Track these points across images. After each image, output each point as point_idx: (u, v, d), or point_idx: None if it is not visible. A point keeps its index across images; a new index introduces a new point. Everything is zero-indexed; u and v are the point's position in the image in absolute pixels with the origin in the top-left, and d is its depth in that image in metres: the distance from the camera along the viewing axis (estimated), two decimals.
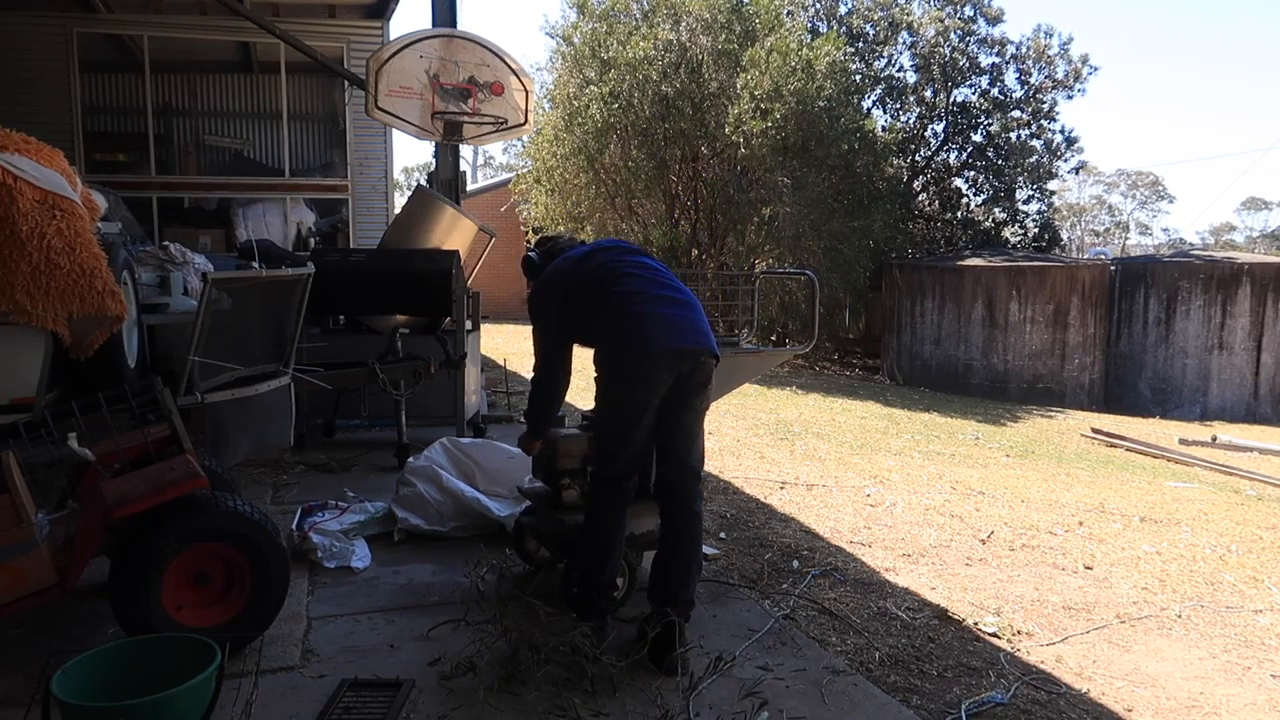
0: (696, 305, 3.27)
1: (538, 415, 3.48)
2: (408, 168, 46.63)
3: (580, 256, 3.38)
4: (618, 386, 3.13)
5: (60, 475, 3.26)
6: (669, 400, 3.11)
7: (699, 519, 3.21)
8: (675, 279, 3.35)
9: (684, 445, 3.18)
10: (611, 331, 3.13)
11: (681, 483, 3.17)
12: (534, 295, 3.41)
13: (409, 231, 6.83)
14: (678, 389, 3.10)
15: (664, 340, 3.07)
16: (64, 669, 2.18)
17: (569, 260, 3.38)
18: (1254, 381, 13.61)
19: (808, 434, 8.05)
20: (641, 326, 3.09)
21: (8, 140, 4.16)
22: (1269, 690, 3.17)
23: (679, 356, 3.08)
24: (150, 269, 6.77)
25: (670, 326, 3.11)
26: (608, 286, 3.21)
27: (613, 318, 3.15)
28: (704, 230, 15.05)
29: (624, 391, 3.11)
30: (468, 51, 7.61)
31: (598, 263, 3.31)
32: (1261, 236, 54.19)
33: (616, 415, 3.15)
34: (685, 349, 3.09)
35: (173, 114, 11.35)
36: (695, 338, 3.13)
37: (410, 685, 2.78)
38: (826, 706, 2.79)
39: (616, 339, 3.12)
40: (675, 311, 3.17)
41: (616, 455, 3.15)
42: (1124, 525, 5.41)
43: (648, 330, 3.08)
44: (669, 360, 3.06)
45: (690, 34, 14.17)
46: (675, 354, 3.07)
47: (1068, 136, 19.60)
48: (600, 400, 3.21)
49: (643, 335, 3.07)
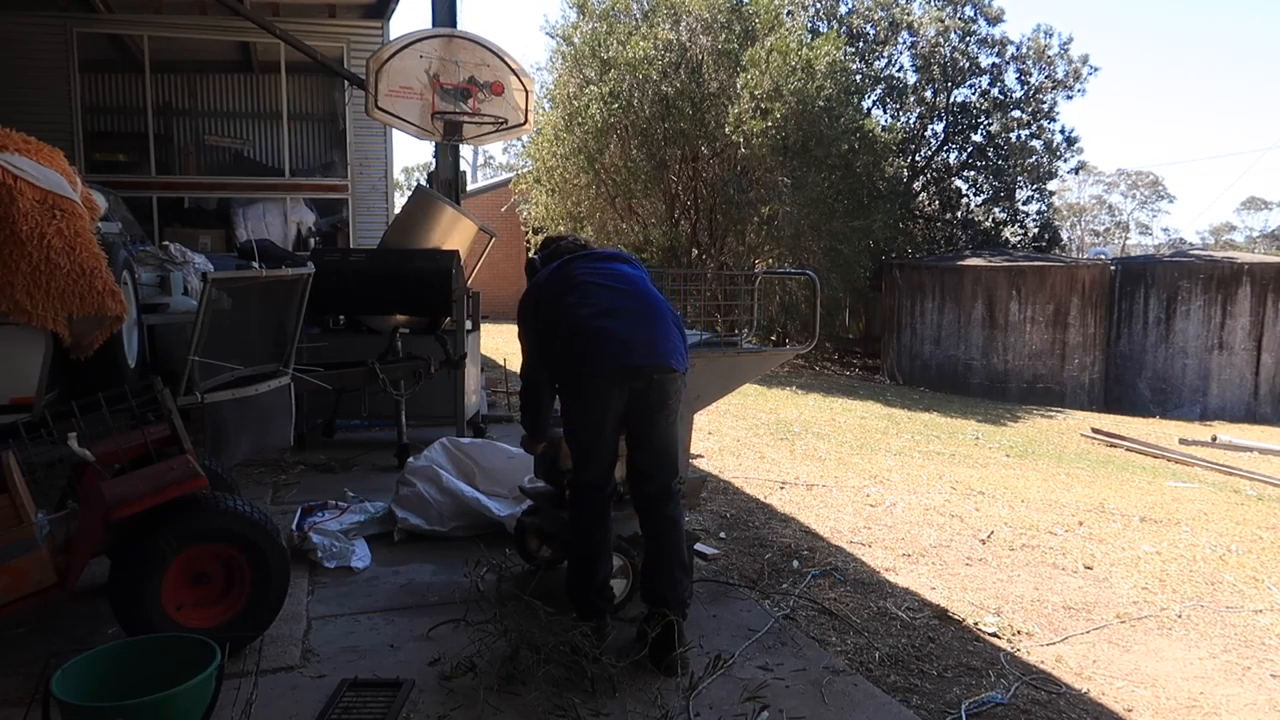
0: (663, 316, 3.15)
1: (529, 421, 3.50)
2: (408, 168, 46.63)
3: (556, 266, 3.31)
4: (572, 401, 3.12)
5: (60, 475, 3.26)
6: (632, 414, 3.05)
7: (674, 523, 3.13)
8: (647, 287, 3.23)
9: (650, 460, 3.10)
10: (564, 347, 3.09)
11: (652, 493, 3.12)
12: (520, 304, 3.38)
13: (409, 231, 6.83)
14: (636, 404, 3.03)
15: (612, 359, 2.98)
16: (64, 669, 2.18)
17: (548, 270, 3.33)
18: (1254, 381, 13.61)
19: (808, 434, 8.05)
20: (592, 342, 3.02)
21: (8, 140, 4.16)
22: (1269, 690, 3.17)
23: (630, 374, 2.99)
24: (150, 269, 6.78)
25: (621, 343, 3.01)
26: (567, 298, 3.15)
27: (567, 332, 3.09)
28: (704, 230, 15.05)
29: (578, 405, 3.09)
30: (468, 51, 7.61)
31: (565, 273, 3.24)
32: (1261, 236, 54.19)
33: (578, 427, 3.13)
34: (636, 366, 2.99)
35: (173, 114, 11.36)
36: (647, 354, 3.01)
37: (410, 685, 2.78)
38: (826, 706, 2.79)
39: (566, 355, 3.08)
40: (629, 325, 3.06)
41: (585, 465, 3.13)
42: (1124, 525, 5.41)
43: (599, 346, 3.00)
44: (618, 378, 2.99)
45: (690, 34, 14.17)
46: (625, 372, 2.99)
47: (1068, 136, 19.60)
48: (562, 412, 3.20)
49: (592, 351, 3.00)
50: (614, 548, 3.31)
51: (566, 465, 3.48)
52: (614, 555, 3.31)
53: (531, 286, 3.36)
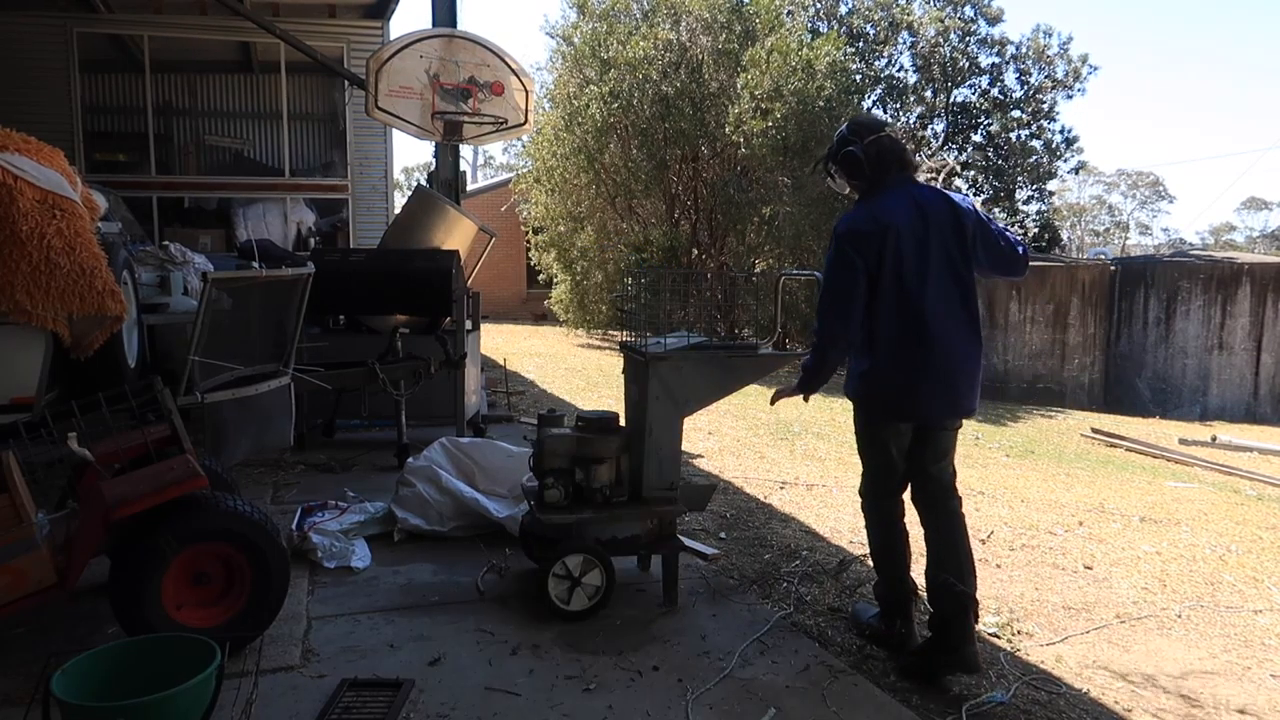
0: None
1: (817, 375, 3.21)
2: (408, 168, 46.67)
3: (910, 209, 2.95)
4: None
5: (60, 475, 3.26)
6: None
7: (958, 516, 3.16)
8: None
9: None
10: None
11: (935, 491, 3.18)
12: (838, 236, 2.97)
13: (409, 231, 6.83)
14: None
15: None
16: (64, 669, 2.18)
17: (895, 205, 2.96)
18: (1254, 381, 13.61)
19: (808, 434, 8.04)
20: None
21: (8, 140, 4.17)
22: (1269, 690, 3.17)
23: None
24: (150, 269, 6.78)
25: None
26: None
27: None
28: (704, 230, 15.06)
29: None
30: (468, 51, 7.61)
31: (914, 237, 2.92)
32: (1261, 236, 54.23)
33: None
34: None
35: (173, 114, 11.36)
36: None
37: (410, 685, 2.78)
38: (827, 706, 2.79)
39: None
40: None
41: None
42: (1124, 525, 5.41)
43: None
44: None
45: (690, 34, 14.18)
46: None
47: (1067, 136, 19.65)
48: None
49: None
50: (588, 549, 3.33)
51: (550, 465, 3.44)
52: (586, 556, 3.32)
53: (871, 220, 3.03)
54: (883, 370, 3.00)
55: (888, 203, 2.98)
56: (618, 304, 13.33)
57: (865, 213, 2.99)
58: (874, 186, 3.06)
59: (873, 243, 2.90)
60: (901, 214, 2.94)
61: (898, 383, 2.99)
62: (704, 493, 3.99)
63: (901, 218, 2.93)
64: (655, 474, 3.44)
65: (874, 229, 2.91)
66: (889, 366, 2.98)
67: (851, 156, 3.04)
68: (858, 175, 3.07)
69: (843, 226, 2.98)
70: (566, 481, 3.44)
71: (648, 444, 3.40)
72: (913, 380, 2.96)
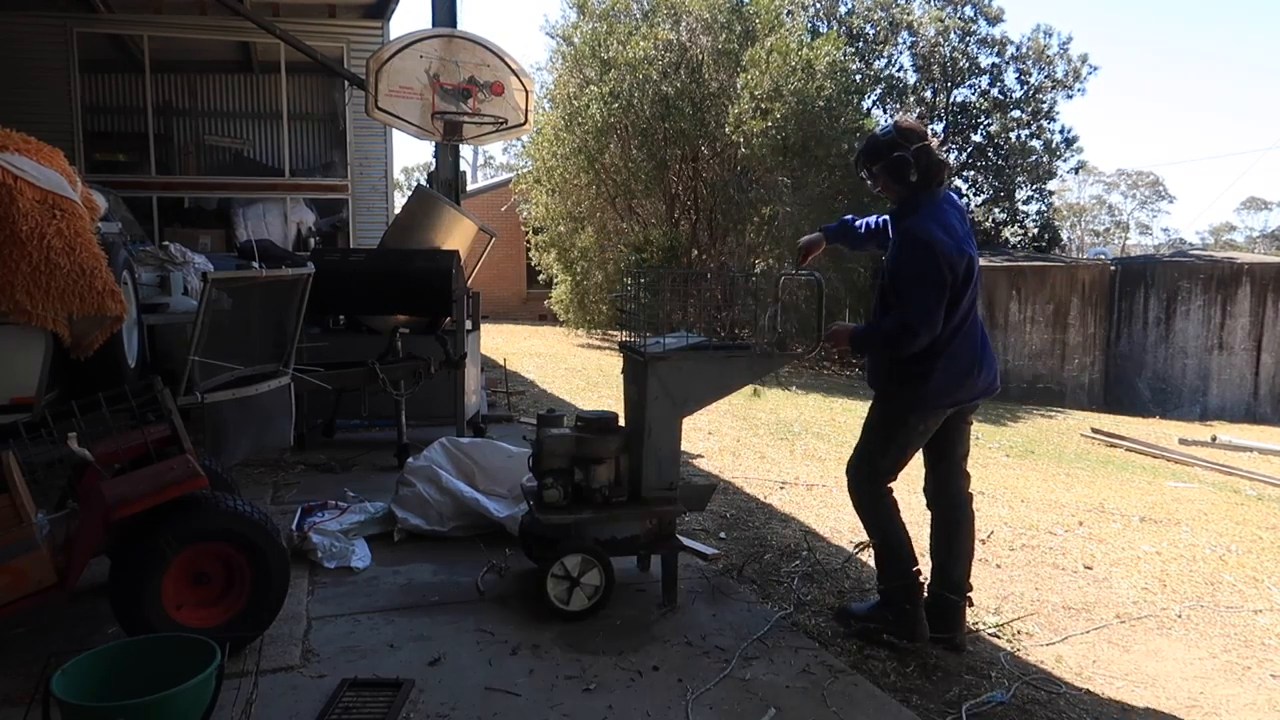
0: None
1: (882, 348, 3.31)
2: (408, 168, 46.67)
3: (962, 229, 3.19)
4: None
5: (60, 475, 3.26)
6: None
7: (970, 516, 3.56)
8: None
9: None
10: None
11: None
12: (935, 243, 3.04)
13: (409, 231, 6.83)
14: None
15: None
16: (64, 669, 2.18)
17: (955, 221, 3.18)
18: (1254, 381, 13.61)
19: (808, 434, 8.04)
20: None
21: (8, 140, 4.16)
22: (1269, 690, 3.17)
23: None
24: (150, 269, 6.78)
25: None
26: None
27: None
28: (704, 230, 15.06)
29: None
30: (468, 51, 7.61)
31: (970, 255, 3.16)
32: (1261, 236, 54.23)
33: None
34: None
35: (173, 114, 11.36)
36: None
37: (410, 685, 2.78)
38: (827, 706, 2.79)
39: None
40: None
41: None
42: (1124, 525, 5.41)
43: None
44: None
45: (690, 34, 14.19)
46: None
47: (1067, 136, 19.64)
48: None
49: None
50: (587, 549, 3.34)
51: (549, 465, 3.47)
52: (585, 556, 3.33)
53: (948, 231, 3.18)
54: (956, 355, 3.19)
55: (949, 219, 3.14)
56: (617, 304, 13.32)
57: (943, 232, 3.09)
58: (916, 193, 3.17)
59: (959, 267, 3.10)
60: (967, 237, 3.17)
61: (963, 366, 3.20)
62: (704, 493, 3.98)
63: (970, 244, 3.17)
64: (654, 474, 3.44)
65: (960, 256, 3.09)
66: (960, 353, 3.20)
67: (902, 161, 3.11)
68: (901, 180, 3.16)
69: (938, 245, 3.05)
70: (566, 481, 3.43)
71: (647, 444, 3.40)
72: (970, 366, 3.22)
